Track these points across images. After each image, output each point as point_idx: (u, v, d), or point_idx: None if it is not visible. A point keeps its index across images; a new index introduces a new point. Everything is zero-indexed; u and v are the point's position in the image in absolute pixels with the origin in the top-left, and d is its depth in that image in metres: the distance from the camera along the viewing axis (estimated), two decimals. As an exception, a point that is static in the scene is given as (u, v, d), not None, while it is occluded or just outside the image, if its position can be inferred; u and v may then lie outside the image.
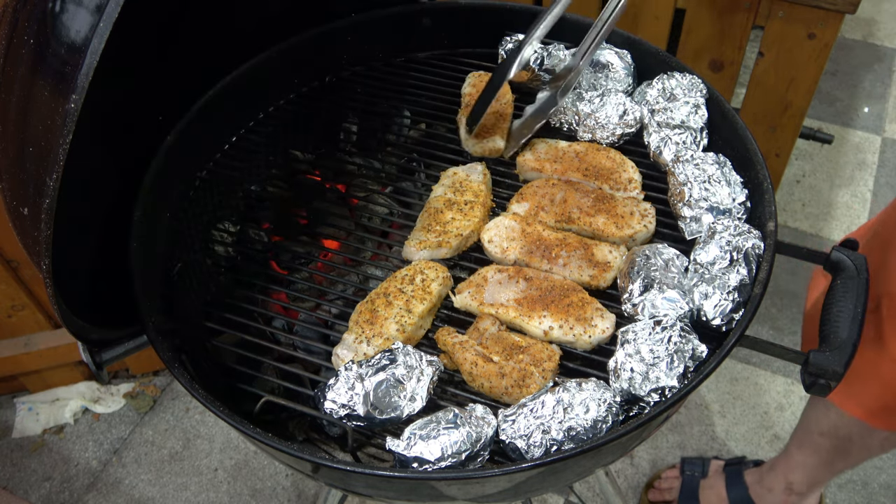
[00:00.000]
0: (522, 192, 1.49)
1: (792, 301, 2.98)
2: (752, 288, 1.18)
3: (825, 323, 1.17)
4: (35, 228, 0.99)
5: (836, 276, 1.23)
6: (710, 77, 2.50)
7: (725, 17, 2.34)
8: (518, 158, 1.55)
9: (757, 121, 2.53)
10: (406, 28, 1.80)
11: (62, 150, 0.91)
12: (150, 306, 1.26)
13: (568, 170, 1.50)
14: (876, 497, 2.43)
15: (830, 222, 3.28)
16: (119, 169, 1.41)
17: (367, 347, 1.25)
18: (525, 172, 1.55)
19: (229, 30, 1.57)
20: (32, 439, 2.65)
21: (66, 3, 0.93)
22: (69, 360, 2.61)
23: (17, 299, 2.39)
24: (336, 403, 1.13)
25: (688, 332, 1.14)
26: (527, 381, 1.18)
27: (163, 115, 1.48)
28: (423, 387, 1.15)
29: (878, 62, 4.08)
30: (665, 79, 1.54)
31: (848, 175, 3.48)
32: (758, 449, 2.56)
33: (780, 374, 2.76)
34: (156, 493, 2.51)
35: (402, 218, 1.56)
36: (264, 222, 1.60)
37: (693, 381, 1.08)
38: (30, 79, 0.98)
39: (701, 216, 1.33)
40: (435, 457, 1.05)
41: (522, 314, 1.28)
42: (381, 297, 1.31)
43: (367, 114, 1.78)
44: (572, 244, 1.37)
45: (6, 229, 1.29)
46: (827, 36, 2.22)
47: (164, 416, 2.71)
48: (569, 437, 1.06)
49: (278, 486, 2.50)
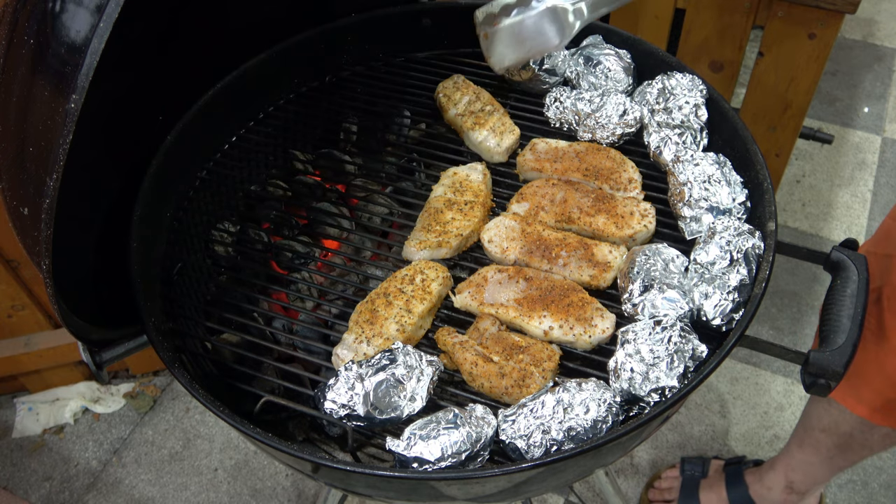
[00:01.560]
0: (522, 192, 1.49)
1: (792, 301, 2.98)
2: (752, 288, 1.18)
3: (825, 323, 1.17)
4: (35, 228, 0.99)
5: (836, 276, 1.23)
6: (710, 77, 2.50)
7: (725, 17, 2.34)
8: (518, 158, 1.55)
9: (757, 121, 2.53)
10: (406, 28, 1.80)
11: (62, 150, 0.91)
12: (150, 306, 1.26)
13: (568, 170, 1.50)
14: (876, 497, 2.43)
15: (830, 222, 3.28)
16: (119, 169, 1.41)
17: (367, 347, 1.25)
18: (525, 172, 1.55)
19: (229, 30, 1.57)
20: (32, 439, 2.64)
21: (66, 3, 0.93)
22: (69, 360, 2.61)
23: (17, 299, 2.39)
24: (336, 403, 1.13)
25: (688, 332, 1.14)
26: (527, 381, 1.18)
27: (163, 115, 1.48)
28: (423, 387, 1.15)
29: (878, 62, 4.08)
30: (665, 79, 1.54)
31: (848, 175, 3.48)
32: (758, 449, 2.56)
33: (780, 374, 2.76)
34: (156, 493, 2.51)
35: (402, 218, 1.56)
36: (264, 222, 1.60)
37: (693, 381, 1.08)
38: (30, 79, 0.98)
39: (701, 216, 1.33)
40: (435, 457, 1.05)
41: (522, 314, 1.28)
42: (381, 297, 1.31)
43: (367, 114, 1.78)
44: (572, 244, 1.37)
45: (6, 229, 1.29)
46: (827, 36, 2.22)
47: (164, 416, 2.71)
48: (569, 437, 1.06)
49: (278, 486, 2.50)
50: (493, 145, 1.58)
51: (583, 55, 1.64)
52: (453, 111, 1.66)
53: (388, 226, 1.63)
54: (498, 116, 1.62)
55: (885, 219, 1.72)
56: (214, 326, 1.35)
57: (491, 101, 1.67)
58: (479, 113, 1.63)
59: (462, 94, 1.68)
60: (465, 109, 1.65)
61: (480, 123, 1.61)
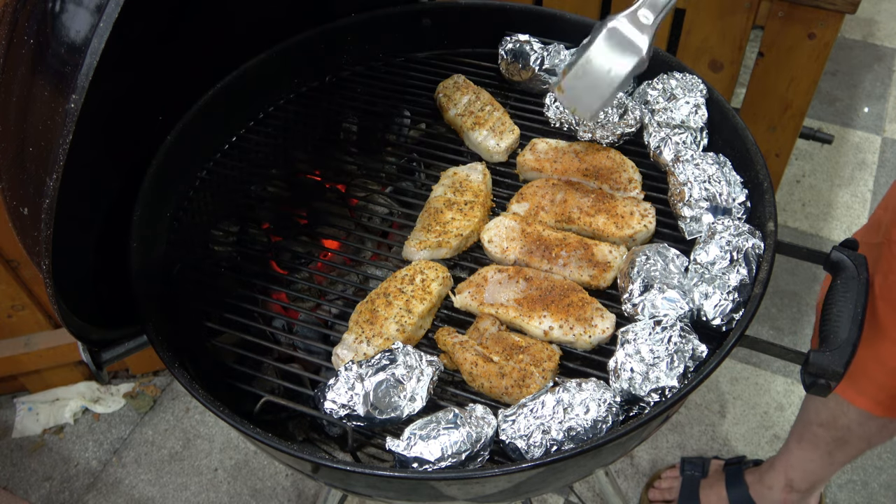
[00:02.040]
0: (522, 192, 1.49)
1: (792, 301, 2.98)
2: (752, 288, 1.18)
3: (825, 323, 1.17)
4: (35, 228, 0.99)
5: (836, 276, 1.23)
6: (710, 77, 2.50)
7: (725, 17, 2.34)
8: (518, 158, 1.55)
9: (757, 121, 2.53)
10: (406, 28, 1.80)
11: (62, 150, 0.91)
12: (150, 306, 1.26)
13: (568, 170, 1.50)
14: (876, 497, 2.43)
15: (830, 222, 3.28)
16: (119, 169, 1.41)
17: (367, 347, 1.25)
18: (525, 172, 1.55)
19: (229, 30, 1.57)
20: (32, 439, 2.64)
21: (66, 3, 0.93)
22: (69, 360, 2.61)
23: (17, 299, 2.39)
24: (336, 403, 1.13)
25: (688, 332, 1.14)
26: (527, 381, 1.18)
27: (163, 115, 1.48)
28: (423, 387, 1.15)
29: (878, 62, 4.08)
30: (665, 79, 1.54)
31: (848, 175, 3.48)
32: (758, 449, 2.56)
33: (780, 374, 2.76)
34: (156, 493, 2.51)
35: (402, 218, 1.56)
36: (264, 222, 1.60)
37: (693, 381, 1.08)
38: (30, 79, 0.98)
39: (701, 216, 1.33)
40: (435, 457, 1.05)
41: (522, 314, 1.28)
42: (381, 297, 1.31)
43: (367, 114, 1.78)
44: (572, 244, 1.37)
45: (6, 229, 1.29)
46: (827, 36, 2.22)
47: (164, 416, 2.71)
48: (569, 437, 1.06)
49: (278, 486, 2.50)
50: (493, 145, 1.58)
51: (583, 55, 1.64)
52: (453, 111, 1.66)
53: (388, 226, 1.63)
54: (498, 116, 1.62)
55: (877, 209, 1.72)
56: (214, 326, 1.35)
57: (491, 101, 1.67)
58: (479, 113, 1.63)
59: (462, 94, 1.68)
60: (465, 109, 1.65)
61: (480, 123, 1.61)
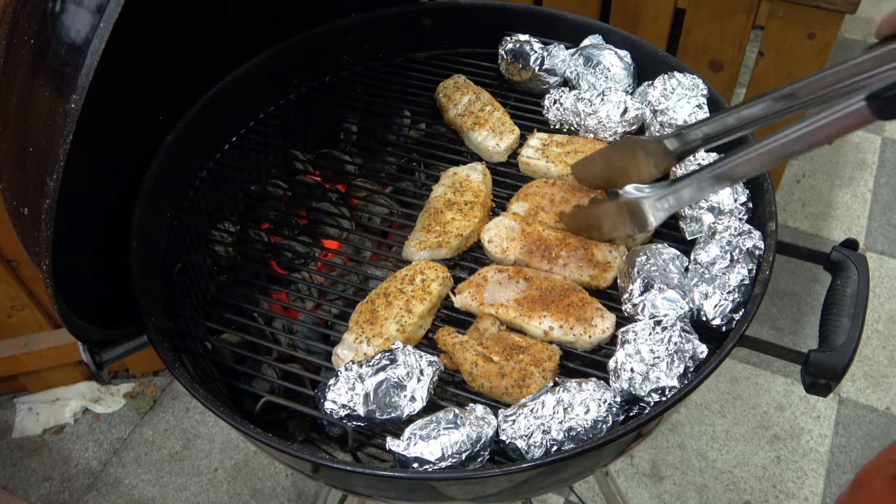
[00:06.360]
0: (522, 192, 1.49)
1: (792, 301, 2.98)
2: (752, 288, 1.18)
3: (825, 323, 1.17)
4: (35, 228, 0.99)
5: (836, 276, 1.23)
6: (710, 77, 2.50)
7: (725, 17, 2.34)
8: (518, 158, 1.55)
9: (757, 121, 2.52)
10: (406, 28, 1.80)
11: (62, 150, 0.91)
12: (150, 306, 1.26)
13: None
14: (876, 497, 2.43)
15: (830, 222, 3.28)
16: (119, 169, 1.41)
17: (367, 347, 1.25)
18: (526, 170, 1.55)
19: (229, 30, 1.57)
20: (32, 439, 2.64)
21: (66, 3, 0.93)
22: (69, 360, 2.61)
23: (17, 299, 2.39)
24: (336, 403, 1.13)
25: (688, 333, 1.14)
26: (527, 381, 1.18)
27: (163, 115, 1.48)
28: (423, 387, 1.15)
29: (878, 62, 4.07)
30: (666, 79, 1.54)
31: (848, 175, 3.48)
32: (758, 449, 2.56)
33: (780, 374, 2.76)
34: (156, 493, 2.51)
35: (402, 218, 1.56)
36: (264, 222, 1.60)
37: (693, 381, 1.08)
38: (30, 79, 0.98)
39: (701, 216, 1.33)
40: (435, 457, 1.05)
41: (522, 314, 1.28)
42: (381, 297, 1.31)
43: (367, 114, 1.78)
44: (572, 244, 1.37)
45: (6, 229, 1.29)
46: (827, 36, 2.22)
47: (164, 416, 2.71)
48: (569, 437, 1.06)
49: (278, 486, 2.50)
50: (493, 145, 1.58)
51: (582, 55, 1.63)
52: (453, 111, 1.66)
53: (388, 226, 1.63)
54: (498, 116, 1.62)
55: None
56: (214, 326, 1.35)
57: (491, 101, 1.67)
58: (479, 113, 1.63)
59: (462, 94, 1.68)
60: (465, 109, 1.65)
61: (480, 123, 1.61)
